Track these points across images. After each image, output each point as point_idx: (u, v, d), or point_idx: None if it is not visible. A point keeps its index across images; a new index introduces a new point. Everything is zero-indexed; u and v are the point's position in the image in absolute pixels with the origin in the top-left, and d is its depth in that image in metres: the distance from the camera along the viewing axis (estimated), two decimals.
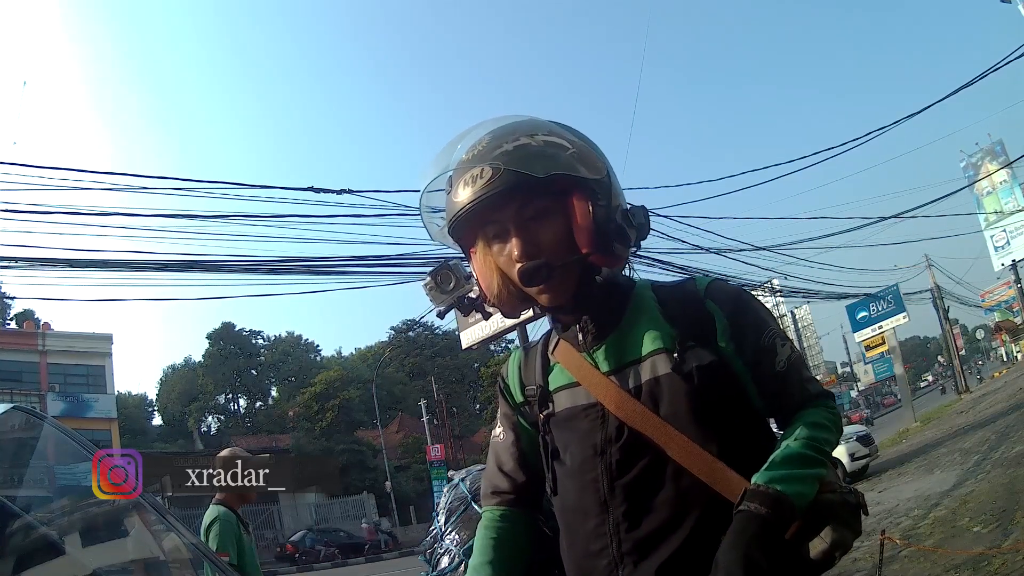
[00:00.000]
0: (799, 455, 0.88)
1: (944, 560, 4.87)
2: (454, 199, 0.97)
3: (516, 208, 0.96)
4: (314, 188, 7.64)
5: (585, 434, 1.00)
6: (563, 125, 1.02)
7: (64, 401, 24.40)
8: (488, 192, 0.93)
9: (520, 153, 0.93)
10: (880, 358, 27.50)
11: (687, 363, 0.95)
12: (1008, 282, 35.27)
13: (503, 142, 0.94)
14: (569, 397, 1.04)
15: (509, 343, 39.40)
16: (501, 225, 0.97)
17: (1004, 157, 30.78)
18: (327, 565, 21.66)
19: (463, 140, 1.00)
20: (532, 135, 0.96)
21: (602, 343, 1.02)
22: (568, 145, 0.97)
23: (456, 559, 1.97)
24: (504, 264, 0.99)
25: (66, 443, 2.15)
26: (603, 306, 1.02)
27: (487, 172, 0.93)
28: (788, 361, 0.97)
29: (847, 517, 0.89)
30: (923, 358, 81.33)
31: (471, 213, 0.96)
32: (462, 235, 1.02)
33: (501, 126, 0.99)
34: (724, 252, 11.66)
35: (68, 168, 9.93)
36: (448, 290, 1.05)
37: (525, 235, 0.96)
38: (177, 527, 2.27)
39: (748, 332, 0.97)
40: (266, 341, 51.40)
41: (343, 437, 33.40)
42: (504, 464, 1.14)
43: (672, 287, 1.06)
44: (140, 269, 7.85)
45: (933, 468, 10.36)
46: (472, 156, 0.96)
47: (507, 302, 1.03)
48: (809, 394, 0.97)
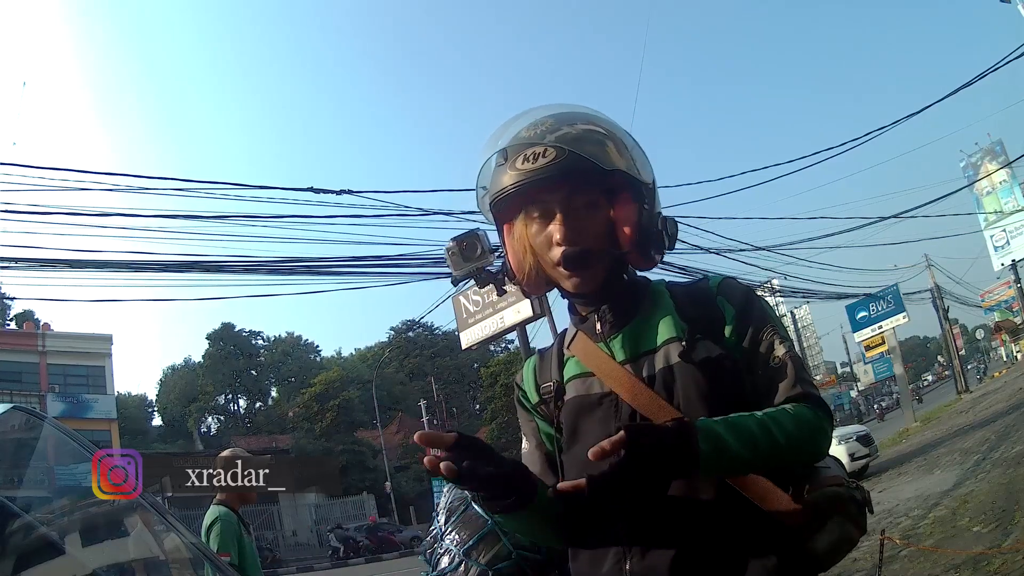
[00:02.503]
0: (744, 428, 0.86)
1: (944, 560, 4.87)
2: (509, 171, 0.97)
3: (567, 193, 0.97)
4: (313, 188, 7.65)
5: (599, 423, 1.00)
6: (619, 124, 1.03)
7: (64, 402, 24.37)
8: (547, 172, 0.94)
9: (586, 140, 0.95)
10: (880, 358, 27.50)
11: (697, 353, 0.96)
12: (1008, 282, 35.24)
13: (567, 126, 0.97)
14: (583, 386, 1.05)
15: (509, 343, 39.54)
16: (547, 206, 0.98)
17: (1004, 157, 30.74)
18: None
19: (523, 118, 1.02)
20: (596, 126, 0.98)
21: (619, 332, 1.03)
22: (626, 144, 0.99)
23: (456, 559, 1.97)
24: (540, 244, 1.00)
25: (66, 443, 2.16)
26: (622, 296, 1.04)
27: (550, 152, 0.94)
28: (783, 358, 0.97)
29: (854, 512, 0.89)
30: (923, 358, 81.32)
31: (524, 189, 0.96)
32: (504, 209, 1.03)
33: (565, 111, 1.01)
34: (724, 252, 11.68)
35: (68, 168, 9.97)
36: (472, 258, 1.04)
37: (572, 221, 0.97)
38: (177, 527, 2.28)
39: (750, 327, 0.99)
40: (266, 341, 51.37)
41: (343, 437, 33.40)
42: (534, 471, 1.14)
43: (686, 285, 1.09)
44: (140, 269, 7.86)
45: (933, 468, 10.36)
46: (533, 134, 0.97)
47: (534, 281, 1.05)
48: (797, 392, 0.95)
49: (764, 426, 0.87)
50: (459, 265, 1.04)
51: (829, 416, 0.94)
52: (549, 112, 1.01)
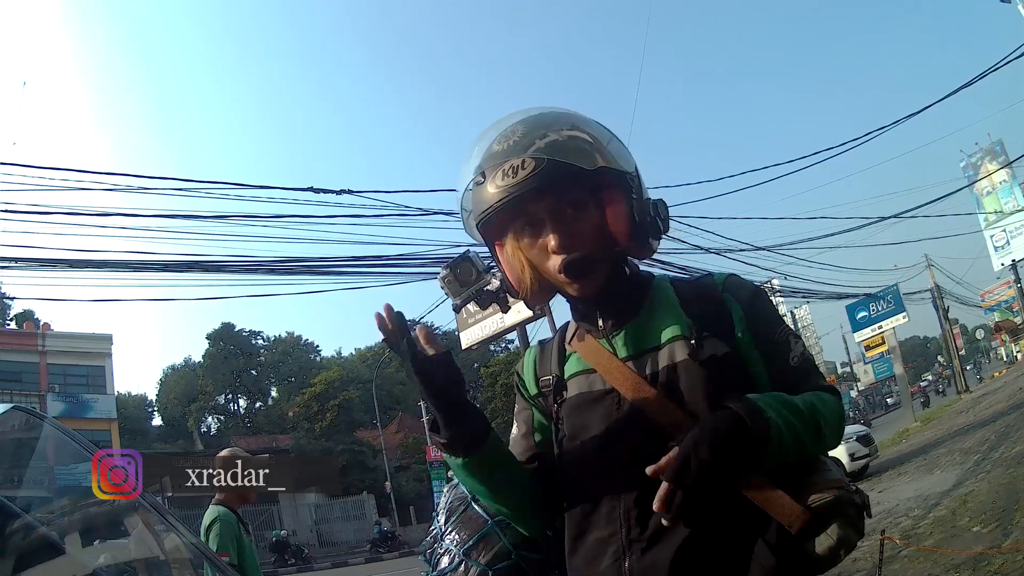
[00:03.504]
0: (792, 403, 0.89)
1: (944, 560, 4.88)
2: (489, 190, 0.95)
3: (553, 200, 0.95)
4: (314, 188, 7.65)
5: (600, 420, 1.00)
6: (589, 118, 1.02)
7: (64, 402, 24.35)
8: (529, 185, 0.92)
9: (562, 144, 0.93)
10: (880, 358, 27.47)
11: (704, 351, 0.96)
12: (1008, 282, 35.24)
13: (539, 133, 0.94)
14: (584, 383, 1.04)
15: (509, 343, 39.52)
16: (535, 217, 0.97)
17: (1004, 157, 30.75)
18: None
19: (491, 131, 1.00)
20: (566, 127, 0.96)
21: (621, 329, 1.03)
22: (602, 139, 0.97)
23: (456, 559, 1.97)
24: (536, 256, 0.99)
25: (66, 443, 2.16)
26: (625, 292, 1.04)
27: (528, 164, 0.92)
28: (801, 357, 0.99)
29: (853, 516, 0.89)
30: (923, 358, 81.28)
31: (508, 205, 0.95)
32: (492, 227, 1.01)
33: (532, 116, 0.99)
34: (724, 252, 11.66)
35: (67, 168, 9.95)
36: (469, 282, 1.04)
37: (563, 227, 0.96)
38: (177, 527, 2.28)
39: (763, 326, 1.00)
40: (266, 341, 51.33)
41: (343, 437, 33.36)
42: (518, 456, 1.13)
43: (690, 281, 1.08)
44: (140, 269, 7.86)
45: (933, 468, 10.36)
46: (506, 147, 0.95)
47: (536, 293, 1.03)
48: (822, 388, 0.98)
49: (809, 405, 0.90)
50: (457, 292, 1.02)
51: (841, 404, 0.99)
52: (517, 119, 0.99)
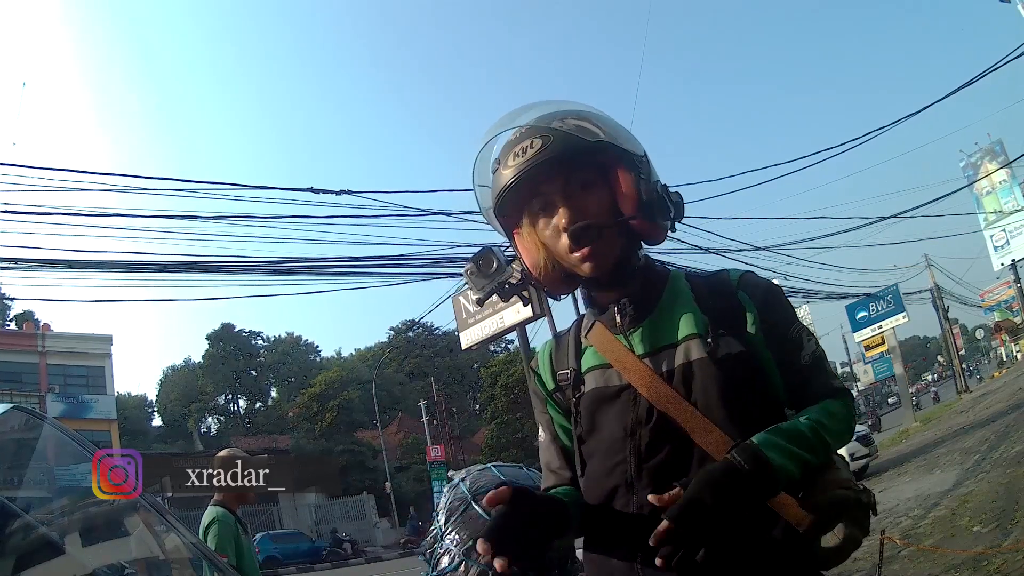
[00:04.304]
0: (799, 433, 0.90)
1: (944, 560, 4.87)
2: (504, 173, 1.00)
3: (563, 181, 0.99)
4: (313, 189, 7.65)
5: (616, 415, 1.01)
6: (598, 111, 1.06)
7: (64, 402, 24.36)
8: (540, 158, 0.96)
9: (569, 124, 0.98)
10: (880, 358, 27.51)
11: (720, 349, 0.97)
12: (1008, 282, 35.21)
13: (550, 120, 0.99)
14: (601, 378, 1.05)
15: (509, 343, 39.50)
16: (547, 199, 1.00)
17: (1004, 157, 30.73)
18: None
19: (508, 121, 1.03)
20: (576, 115, 1.00)
21: (638, 326, 1.03)
22: (606, 121, 1.01)
23: (456, 559, 1.97)
24: (550, 238, 1.02)
25: (66, 443, 2.16)
26: (641, 288, 1.05)
27: (536, 144, 0.97)
28: (813, 355, 1.00)
29: (859, 515, 0.90)
30: (923, 358, 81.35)
31: (520, 184, 0.98)
32: (509, 212, 1.05)
33: (544, 105, 1.03)
34: (724, 252, 11.65)
35: (67, 169, 9.97)
36: (490, 274, 1.04)
37: (572, 204, 0.99)
38: (177, 527, 2.28)
39: (778, 324, 1.00)
40: (266, 342, 51.40)
41: (343, 438, 33.38)
42: (551, 463, 1.15)
43: (706, 277, 1.09)
44: (139, 270, 7.86)
45: (933, 468, 10.37)
46: (518, 135, 1.00)
47: (552, 279, 1.05)
48: (831, 388, 0.99)
49: (814, 431, 0.91)
50: (480, 284, 1.04)
51: (853, 404, 1.01)
52: (530, 110, 1.03)
